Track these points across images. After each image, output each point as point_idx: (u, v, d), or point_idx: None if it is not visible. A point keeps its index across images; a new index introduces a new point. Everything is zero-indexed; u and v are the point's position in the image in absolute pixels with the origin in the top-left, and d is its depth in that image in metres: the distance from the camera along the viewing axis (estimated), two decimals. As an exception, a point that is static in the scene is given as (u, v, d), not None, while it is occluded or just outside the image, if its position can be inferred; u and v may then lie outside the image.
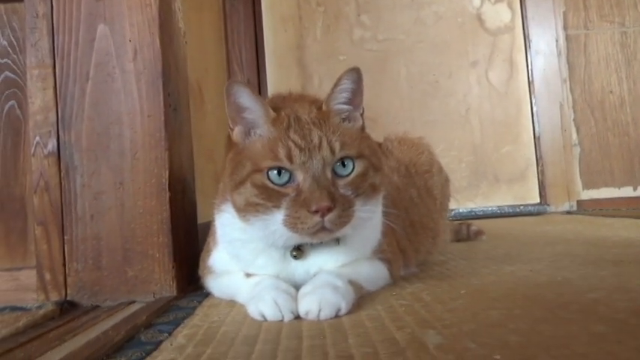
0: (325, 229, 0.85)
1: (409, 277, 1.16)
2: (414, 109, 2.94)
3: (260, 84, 2.82)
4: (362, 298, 0.96)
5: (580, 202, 2.92)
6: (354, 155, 0.90)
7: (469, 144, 2.94)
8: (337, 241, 0.96)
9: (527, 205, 2.91)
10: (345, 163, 0.89)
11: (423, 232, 1.29)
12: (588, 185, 2.95)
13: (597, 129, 2.96)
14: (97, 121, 1.12)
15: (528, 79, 2.94)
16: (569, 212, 2.85)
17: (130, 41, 1.12)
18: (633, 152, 2.93)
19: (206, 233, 1.12)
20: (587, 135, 2.96)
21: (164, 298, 1.09)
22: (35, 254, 1.13)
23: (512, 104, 2.95)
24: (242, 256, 0.98)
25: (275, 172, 0.87)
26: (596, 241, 1.55)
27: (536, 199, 2.93)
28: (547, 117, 2.93)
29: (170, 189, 1.13)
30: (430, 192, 1.39)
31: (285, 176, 0.87)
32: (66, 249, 1.11)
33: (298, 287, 0.92)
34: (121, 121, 1.12)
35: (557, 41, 2.94)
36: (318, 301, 0.84)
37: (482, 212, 2.89)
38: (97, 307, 1.09)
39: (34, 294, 1.12)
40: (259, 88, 2.83)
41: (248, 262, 0.98)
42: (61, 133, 1.12)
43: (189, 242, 1.22)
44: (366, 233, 1.00)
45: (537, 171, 2.94)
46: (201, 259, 1.10)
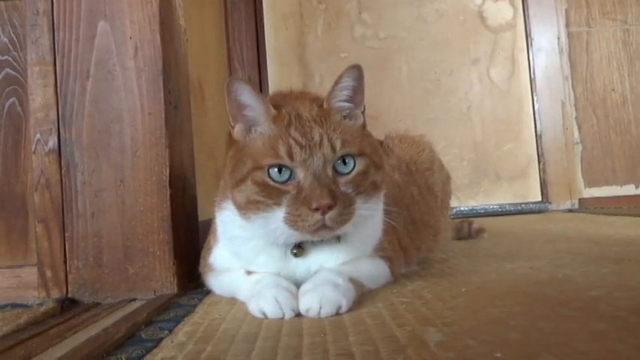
0: (326, 226, 0.85)
1: (410, 275, 1.16)
2: (415, 106, 2.94)
3: (261, 82, 2.82)
4: (363, 295, 0.96)
5: (582, 201, 2.92)
6: (355, 153, 0.90)
7: (470, 142, 2.94)
8: (338, 238, 0.96)
9: (529, 203, 2.91)
10: (346, 160, 0.89)
11: (424, 229, 1.29)
12: (590, 183, 2.95)
13: (599, 127, 2.96)
14: (97, 119, 1.12)
15: (530, 76, 2.94)
16: (571, 210, 2.85)
17: (131, 38, 1.12)
18: (635, 150, 2.92)
19: (207, 231, 1.12)
20: (589, 133, 2.95)
21: (165, 295, 1.09)
22: (36, 252, 1.13)
23: (513, 102, 2.95)
24: (242, 254, 0.98)
25: (276, 169, 0.87)
26: (598, 239, 1.55)
27: (537, 197, 2.93)
28: (549, 115, 2.92)
29: (171, 186, 1.12)
30: (431, 190, 1.38)
31: (285, 174, 0.87)
32: (67, 246, 1.11)
33: (299, 285, 0.92)
34: (121, 118, 1.12)
35: (559, 39, 2.93)
36: (319, 298, 0.84)
37: (484, 210, 2.89)
38: (98, 304, 1.09)
39: (35, 291, 1.13)
40: (260, 85, 2.83)
41: (249, 259, 0.98)
42: (61, 131, 1.12)
43: (190, 240, 1.22)
44: (367, 231, 1.00)
45: (539, 169, 2.93)
46: (202, 257, 1.10)
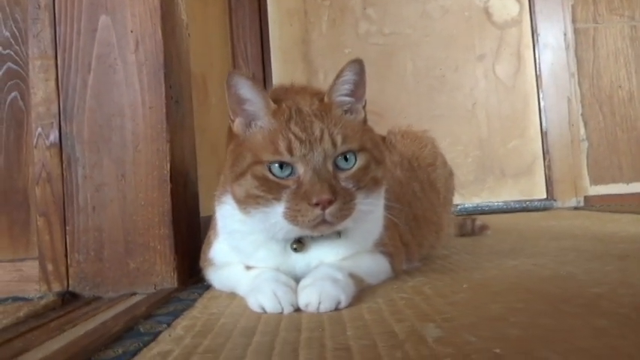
0: (326, 222, 0.85)
1: (412, 271, 1.15)
2: (421, 103, 2.92)
3: (265, 78, 2.81)
4: (363, 291, 0.95)
5: (587, 198, 2.90)
6: (356, 148, 0.90)
7: (475, 138, 2.93)
8: (338, 234, 0.95)
9: (534, 200, 2.89)
10: (346, 156, 0.88)
11: (426, 226, 1.28)
12: (596, 181, 2.92)
13: (605, 124, 2.93)
14: (98, 113, 1.12)
15: (536, 73, 2.92)
16: (577, 208, 2.83)
17: (132, 32, 1.12)
18: (642, 148, 2.90)
19: (209, 226, 1.12)
20: (595, 130, 2.93)
21: (165, 289, 1.09)
22: (37, 245, 1.13)
23: (519, 98, 2.93)
24: (242, 248, 0.98)
25: (277, 165, 0.86)
26: (603, 237, 1.54)
27: (542, 195, 2.91)
28: (554, 111, 2.90)
29: (172, 181, 1.12)
30: (433, 185, 1.38)
31: (286, 169, 0.86)
32: (68, 240, 1.11)
33: (299, 280, 0.91)
34: (122, 112, 1.12)
35: (565, 35, 2.90)
36: (318, 293, 0.83)
37: (488, 207, 2.87)
38: (99, 298, 1.09)
39: (37, 285, 1.13)
40: (264, 82, 2.82)
41: (248, 254, 0.97)
42: (62, 125, 1.12)
43: (191, 234, 1.22)
44: (368, 226, 0.99)
45: (544, 166, 2.91)
46: (202, 251, 1.10)
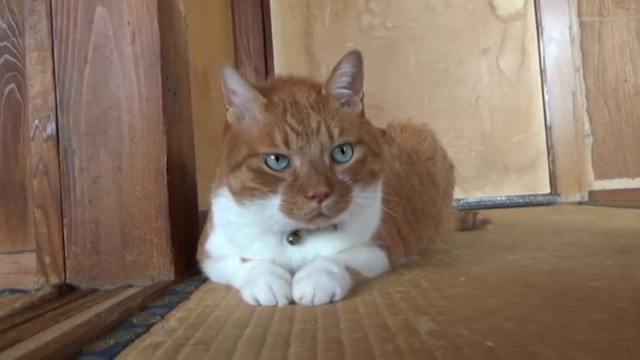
0: (322, 215, 0.84)
1: (410, 265, 1.14)
2: (423, 97, 2.90)
3: (268, 72, 2.80)
4: (359, 284, 0.94)
5: (592, 193, 2.87)
6: (353, 141, 0.89)
7: (479, 133, 2.90)
8: (335, 227, 0.95)
9: (538, 195, 2.87)
10: (343, 149, 0.87)
11: (425, 219, 1.27)
12: (601, 176, 2.90)
13: (611, 118, 2.90)
14: (95, 105, 1.11)
15: (540, 67, 2.88)
16: (581, 203, 2.81)
17: (129, 24, 1.11)
18: (647, 142, 2.87)
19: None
20: (600, 124, 2.90)
21: (162, 282, 1.08)
22: (35, 238, 1.13)
23: (523, 93, 2.90)
24: (238, 241, 0.97)
25: (273, 157, 0.85)
26: (605, 231, 1.52)
27: (546, 190, 2.89)
28: (559, 106, 2.87)
29: (168, 173, 1.12)
30: (433, 179, 1.36)
31: (283, 162, 0.85)
32: (65, 233, 1.11)
33: (295, 273, 0.90)
34: (119, 105, 1.11)
35: (570, 28, 2.87)
36: (313, 286, 0.83)
37: (492, 202, 2.85)
38: (96, 290, 1.09)
39: (35, 277, 1.13)
40: (267, 75, 2.81)
41: (244, 246, 0.97)
42: (59, 117, 1.12)
43: (188, 227, 1.21)
44: (365, 219, 0.98)
45: (548, 161, 2.89)
46: (199, 244, 1.10)
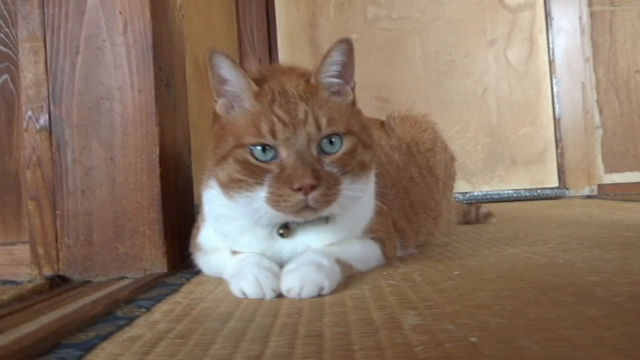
0: (309, 207, 0.82)
1: (406, 258, 1.12)
2: (429, 89, 2.86)
3: (271, 63, 2.78)
4: (351, 277, 0.93)
5: (601, 187, 2.82)
6: (342, 131, 0.87)
7: (486, 125, 2.86)
8: (326, 219, 0.93)
9: (545, 188, 2.82)
10: (332, 139, 0.85)
11: (423, 212, 1.25)
12: (610, 169, 2.84)
13: (622, 110, 2.84)
14: (87, 96, 1.10)
15: (549, 58, 2.83)
16: (590, 196, 2.76)
17: (121, 13, 1.10)
18: (659, 135, 2.81)
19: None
20: (610, 117, 2.84)
21: (154, 274, 1.07)
22: (28, 229, 1.13)
23: (531, 84, 2.85)
24: (228, 234, 0.96)
25: (259, 148, 0.84)
26: (610, 225, 1.49)
27: (554, 183, 2.84)
28: (568, 98, 2.82)
29: (161, 165, 1.11)
30: (432, 171, 1.34)
31: (269, 153, 0.84)
32: (58, 224, 1.11)
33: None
34: (111, 95, 1.10)
35: (580, 18, 2.81)
36: (301, 278, 0.81)
37: (498, 196, 2.81)
38: (89, 282, 1.08)
39: (28, 268, 1.13)
40: (271, 68, 2.78)
41: (234, 239, 0.95)
42: (52, 108, 1.11)
43: (183, 220, 1.20)
44: (357, 212, 0.96)
45: (556, 154, 2.83)
46: (192, 236, 1.09)
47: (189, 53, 1.45)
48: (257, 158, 0.84)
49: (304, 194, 0.80)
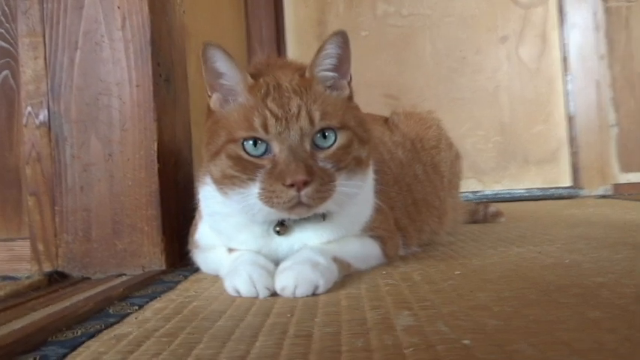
0: (302, 204, 0.80)
1: (408, 257, 1.10)
2: (440, 86, 2.82)
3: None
4: (349, 276, 0.91)
5: (617, 186, 2.75)
6: (337, 126, 0.84)
7: (497, 123, 2.81)
8: (323, 216, 0.91)
9: (559, 188, 2.77)
10: (326, 134, 0.83)
11: (427, 210, 1.22)
12: (626, 168, 2.78)
13: (638, 108, 2.77)
14: (85, 92, 1.10)
15: (562, 55, 2.77)
16: (604, 196, 2.69)
17: (119, 8, 1.09)
18: (676, 134, 2.73)
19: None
20: (626, 115, 2.77)
21: (152, 271, 1.06)
22: (28, 225, 1.12)
23: (543, 82, 2.79)
24: (223, 231, 0.95)
25: (251, 142, 0.82)
26: (622, 225, 1.44)
27: (568, 182, 2.78)
28: (582, 96, 2.76)
29: (159, 161, 1.10)
30: (437, 168, 1.31)
31: (261, 147, 0.82)
32: (57, 220, 1.10)
33: (282, 264, 0.87)
34: (109, 91, 1.09)
35: (595, 14, 2.75)
36: (295, 277, 0.79)
37: (510, 195, 2.76)
38: (87, 279, 1.08)
39: (28, 264, 1.12)
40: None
41: (230, 236, 0.94)
42: (51, 104, 1.10)
43: (182, 216, 1.19)
44: (355, 209, 0.94)
45: (570, 152, 2.78)
46: (190, 234, 1.07)
47: (193, 50, 1.43)
48: (249, 153, 0.82)
49: (297, 190, 0.78)
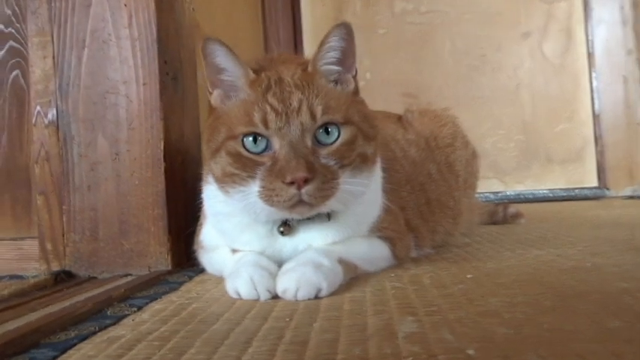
0: (304, 202, 0.77)
1: (420, 259, 1.06)
2: (459, 85, 2.76)
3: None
4: (355, 278, 0.88)
5: (646, 187, 2.65)
6: (340, 121, 0.81)
7: (519, 121, 2.73)
8: (328, 216, 0.88)
9: (584, 188, 2.68)
10: (328, 129, 0.80)
11: (440, 211, 1.18)
12: (656, 168, 2.67)
13: (668, 105, 2.66)
14: (93, 90, 1.09)
15: (588, 51, 2.68)
16: (631, 197, 2.59)
17: (126, 6, 1.08)
18: None
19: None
20: (655, 112, 2.67)
21: (158, 272, 1.05)
22: (37, 224, 1.12)
23: (568, 79, 2.71)
24: (227, 231, 0.92)
25: (250, 138, 0.79)
26: (649, 227, 1.38)
27: (593, 183, 2.69)
28: (608, 92, 2.66)
29: (166, 160, 1.08)
30: (452, 168, 1.27)
31: (261, 144, 0.79)
32: (64, 219, 1.10)
33: (287, 266, 0.84)
34: (116, 89, 1.08)
35: (622, 8, 2.65)
36: (297, 279, 0.77)
37: (533, 195, 2.68)
38: (94, 278, 1.07)
39: (37, 263, 1.12)
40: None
41: (233, 237, 0.91)
42: (59, 103, 1.10)
43: (189, 216, 1.17)
44: (362, 209, 0.90)
45: (596, 152, 2.68)
46: (195, 234, 1.05)
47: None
48: (249, 150, 0.80)
49: (297, 188, 0.75)
